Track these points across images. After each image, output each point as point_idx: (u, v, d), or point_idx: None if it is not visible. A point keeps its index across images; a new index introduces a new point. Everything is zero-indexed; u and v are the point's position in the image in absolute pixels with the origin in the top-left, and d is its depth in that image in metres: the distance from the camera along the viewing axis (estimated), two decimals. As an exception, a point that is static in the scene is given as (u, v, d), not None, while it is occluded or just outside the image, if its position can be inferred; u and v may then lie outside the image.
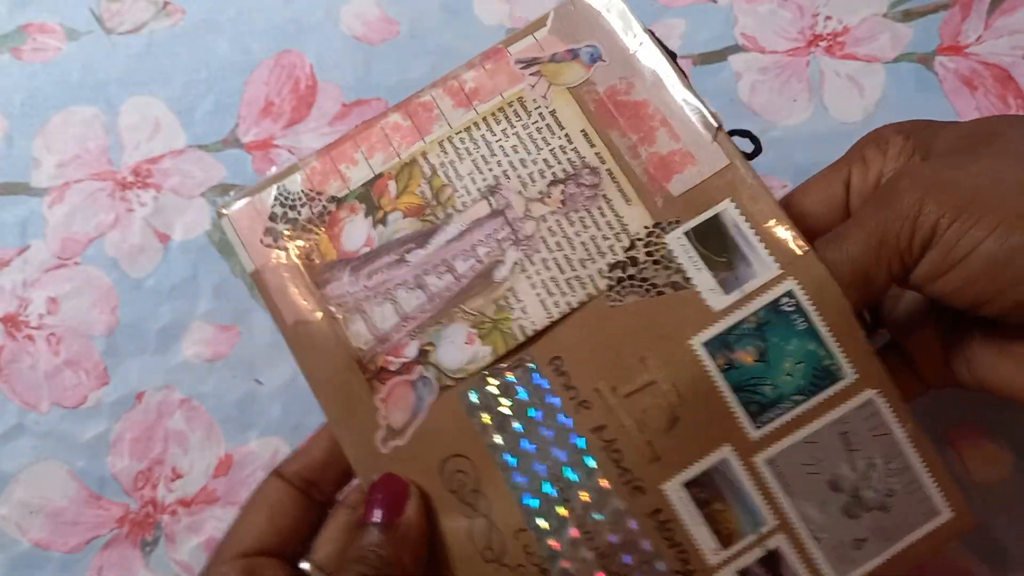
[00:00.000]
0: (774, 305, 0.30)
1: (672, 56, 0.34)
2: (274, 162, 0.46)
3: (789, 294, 0.30)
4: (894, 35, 0.47)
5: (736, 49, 0.47)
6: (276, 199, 0.34)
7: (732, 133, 0.35)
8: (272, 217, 0.34)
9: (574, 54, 0.34)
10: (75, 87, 0.47)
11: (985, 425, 0.43)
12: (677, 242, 0.32)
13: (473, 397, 0.32)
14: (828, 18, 0.47)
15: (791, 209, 0.34)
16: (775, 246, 0.31)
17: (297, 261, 0.34)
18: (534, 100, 0.34)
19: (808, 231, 0.33)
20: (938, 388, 0.35)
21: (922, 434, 0.30)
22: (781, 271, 0.31)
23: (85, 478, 0.43)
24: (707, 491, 0.30)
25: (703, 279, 0.31)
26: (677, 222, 0.32)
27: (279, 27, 0.48)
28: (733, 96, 0.46)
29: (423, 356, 0.32)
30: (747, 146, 0.35)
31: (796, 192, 0.35)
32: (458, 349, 0.32)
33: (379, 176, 0.34)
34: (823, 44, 0.47)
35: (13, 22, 0.48)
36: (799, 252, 0.31)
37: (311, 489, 0.34)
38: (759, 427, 0.30)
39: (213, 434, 0.44)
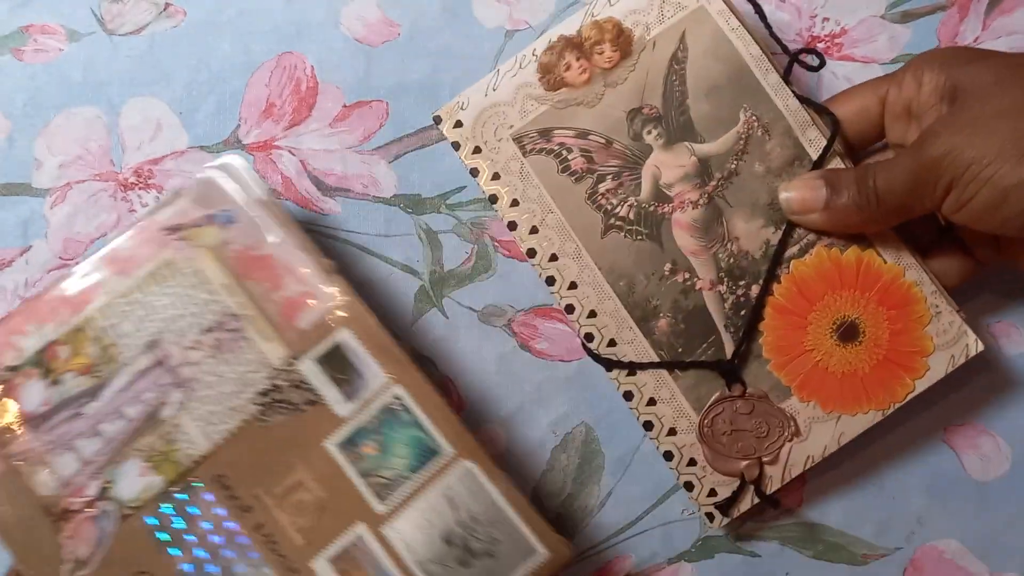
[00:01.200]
0: (386, 407, 0.39)
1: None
2: (275, 164, 0.46)
3: (397, 396, 0.39)
4: (892, 36, 0.47)
5: (735, 50, 0.47)
6: None
7: (801, 52, 0.43)
8: None
9: (211, 219, 0.40)
10: (76, 88, 0.47)
11: (984, 424, 0.44)
12: (309, 368, 0.39)
13: (150, 520, 0.38)
14: (826, 19, 0.47)
15: (831, 107, 0.42)
16: (384, 360, 0.39)
17: None
18: (181, 261, 0.40)
19: (843, 132, 0.42)
20: (988, 265, 0.42)
21: (513, 488, 0.38)
22: (389, 379, 0.39)
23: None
24: (348, 563, 0.37)
25: (331, 394, 0.39)
26: (307, 352, 0.39)
27: (280, 28, 0.48)
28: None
29: (103, 493, 0.38)
30: (813, 61, 0.44)
31: (840, 96, 0.43)
32: (133, 482, 0.38)
33: (51, 343, 0.39)
34: (821, 45, 0.47)
35: (14, 23, 0.48)
36: (402, 362, 0.39)
37: None
38: (384, 503, 0.38)
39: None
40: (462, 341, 0.45)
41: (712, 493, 0.41)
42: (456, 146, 0.43)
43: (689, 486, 0.41)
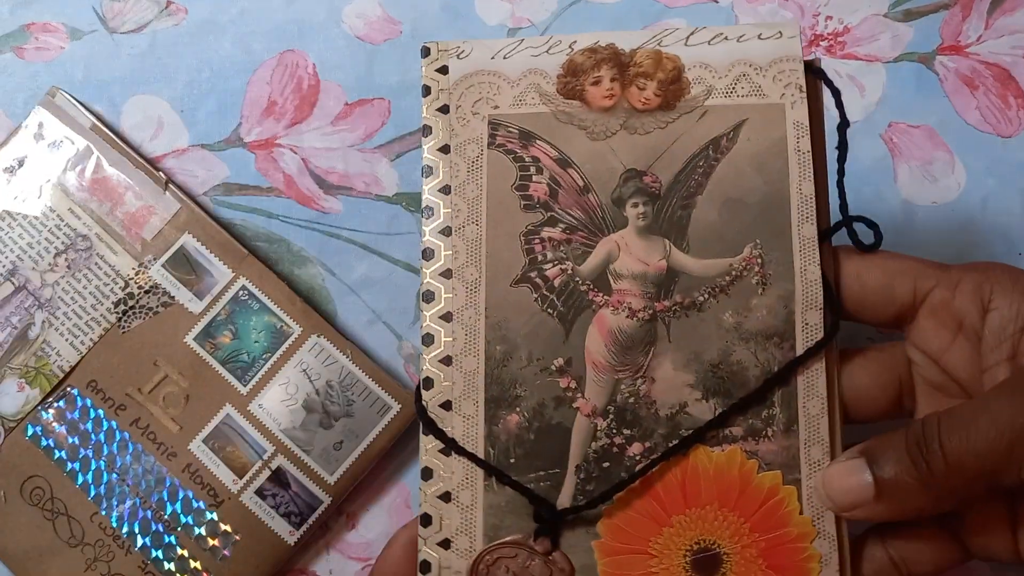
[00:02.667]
0: (235, 298, 0.43)
1: None
2: (277, 162, 0.46)
3: (243, 288, 0.43)
4: (895, 35, 0.47)
5: (737, 49, 0.47)
6: None
7: (857, 219, 0.34)
8: None
9: (52, 147, 0.44)
10: (78, 86, 0.47)
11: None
12: (158, 273, 0.43)
13: (32, 430, 0.43)
14: (829, 18, 0.47)
15: (849, 270, 0.33)
16: (226, 257, 0.44)
17: None
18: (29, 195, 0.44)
19: (854, 300, 0.33)
20: (984, 560, 0.33)
21: (361, 354, 0.43)
22: (234, 273, 0.43)
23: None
24: (220, 441, 0.43)
25: (183, 294, 0.43)
26: (155, 259, 0.44)
27: (281, 27, 0.48)
28: (734, 96, 0.46)
29: None
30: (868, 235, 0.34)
31: (873, 259, 0.34)
32: (13, 398, 0.43)
33: None
34: (824, 44, 0.47)
35: (16, 21, 0.48)
36: (244, 257, 0.43)
37: None
38: (246, 384, 0.43)
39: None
40: (464, 340, 0.45)
41: None
42: (426, 91, 0.36)
43: None
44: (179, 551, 0.42)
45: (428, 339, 0.34)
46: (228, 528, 0.42)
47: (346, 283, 0.45)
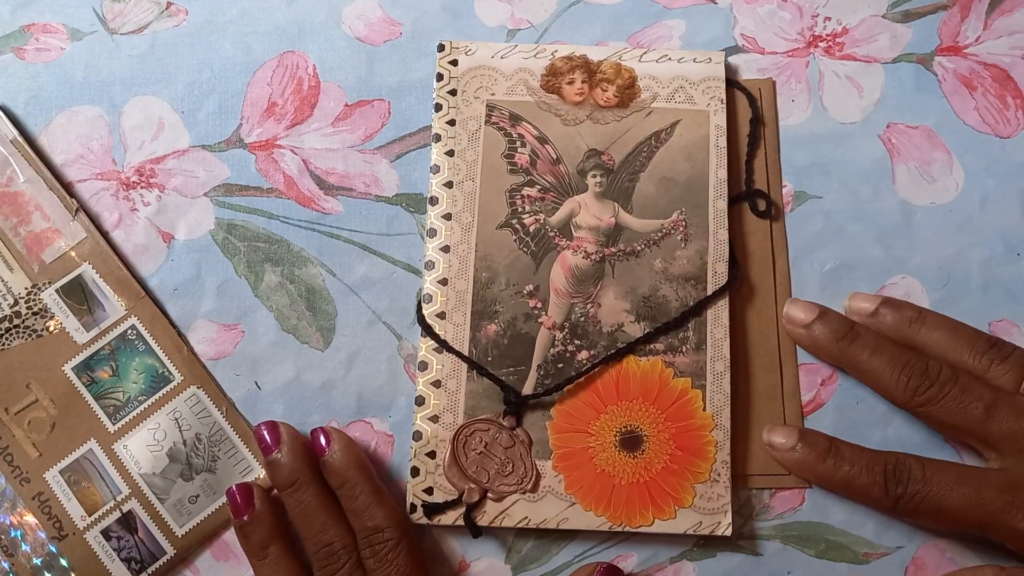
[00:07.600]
0: (122, 336, 0.43)
1: None
2: (277, 163, 0.47)
3: (132, 327, 0.43)
4: (893, 36, 0.47)
5: (736, 50, 0.47)
6: None
7: (752, 194, 0.45)
8: None
9: None
10: (78, 87, 0.47)
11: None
12: (50, 297, 0.44)
13: None
14: (827, 19, 0.48)
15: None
16: (122, 294, 0.44)
17: None
18: None
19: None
20: None
21: (235, 412, 0.43)
22: (126, 311, 0.44)
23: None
24: (77, 475, 0.42)
25: (70, 323, 0.43)
26: (50, 283, 0.44)
27: (282, 28, 0.48)
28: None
29: None
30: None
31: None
32: None
33: None
34: (822, 45, 0.47)
35: (16, 22, 0.48)
36: (139, 297, 0.44)
37: None
38: (116, 422, 0.43)
39: (216, 433, 0.44)
40: (464, 340, 0.45)
41: (429, 491, 0.41)
42: (439, 77, 0.46)
43: (415, 471, 0.41)
44: None
45: (430, 265, 0.43)
46: (66, 563, 0.41)
47: (346, 283, 0.46)
